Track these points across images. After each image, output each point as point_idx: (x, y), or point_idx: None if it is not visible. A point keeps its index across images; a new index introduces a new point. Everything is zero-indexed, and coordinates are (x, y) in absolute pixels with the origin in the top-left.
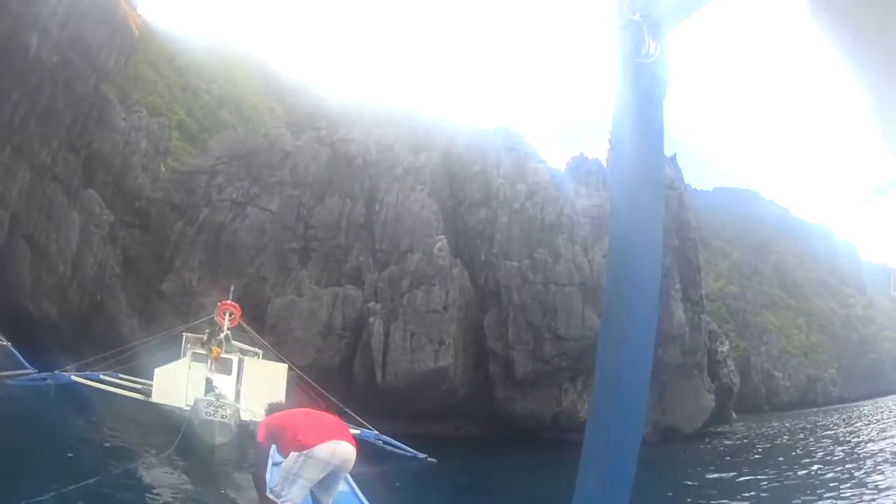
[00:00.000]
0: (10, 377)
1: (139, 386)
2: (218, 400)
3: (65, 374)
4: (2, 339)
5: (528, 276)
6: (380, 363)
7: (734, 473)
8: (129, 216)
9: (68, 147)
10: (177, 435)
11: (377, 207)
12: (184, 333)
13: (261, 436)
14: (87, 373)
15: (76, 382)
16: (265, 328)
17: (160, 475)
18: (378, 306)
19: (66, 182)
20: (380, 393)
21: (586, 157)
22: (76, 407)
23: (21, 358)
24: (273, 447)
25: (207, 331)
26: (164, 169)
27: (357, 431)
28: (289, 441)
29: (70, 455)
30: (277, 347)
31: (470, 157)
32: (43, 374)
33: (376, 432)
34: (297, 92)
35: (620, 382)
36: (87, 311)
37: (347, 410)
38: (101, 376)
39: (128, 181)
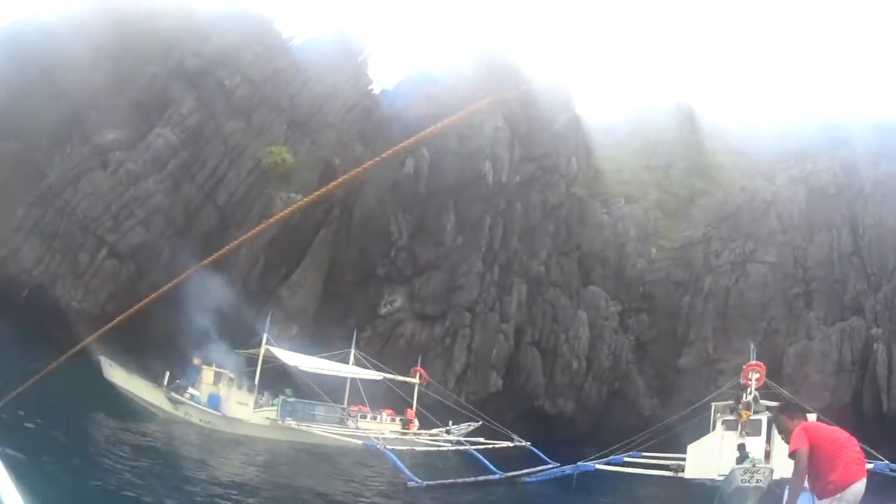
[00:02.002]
0: (529, 475)
1: (667, 462)
2: (753, 466)
3: (588, 463)
4: (520, 440)
5: None
6: (885, 389)
7: None
8: (635, 302)
9: (558, 253)
10: None
11: (860, 231)
12: (712, 403)
13: (799, 442)
14: (611, 458)
15: (599, 469)
16: (782, 379)
17: None
18: (879, 331)
19: (566, 285)
20: (885, 420)
21: None
22: (600, 493)
23: (541, 455)
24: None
25: (735, 396)
26: (654, 250)
27: (871, 465)
28: (822, 471)
29: None
30: (794, 396)
31: None
32: (564, 467)
33: (886, 461)
34: (749, 137)
35: None
36: (605, 401)
37: (863, 447)
38: (625, 459)
39: (626, 270)
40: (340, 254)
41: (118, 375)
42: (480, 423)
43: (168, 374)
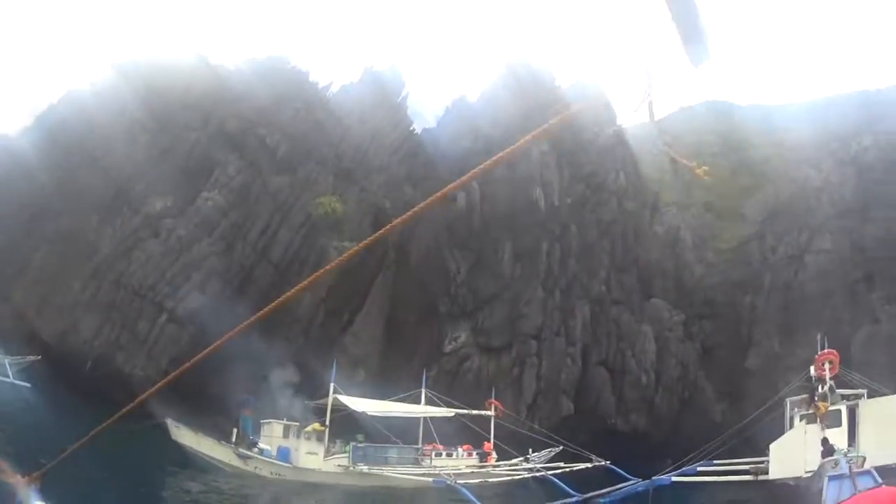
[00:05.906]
0: (605, 494)
1: (744, 466)
2: (846, 456)
3: (662, 477)
4: (599, 460)
5: None
6: None
7: None
8: (698, 308)
9: (617, 270)
10: None
11: None
12: (786, 400)
13: None
14: (684, 469)
15: (675, 482)
16: (852, 367)
17: None
18: None
19: (628, 301)
20: None
21: None
22: None
23: (621, 472)
24: None
25: (809, 389)
26: (710, 253)
27: None
28: None
29: None
30: (867, 382)
31: None
32: (637, 484)
33: None
34: (788, 125)
35: None
36: (677, 411)
37: None
38: (698, 469)
39: (685, 278)
40: (400, 296)
41: (185, 436)
42: (561, 448)
43: (235, 431)
